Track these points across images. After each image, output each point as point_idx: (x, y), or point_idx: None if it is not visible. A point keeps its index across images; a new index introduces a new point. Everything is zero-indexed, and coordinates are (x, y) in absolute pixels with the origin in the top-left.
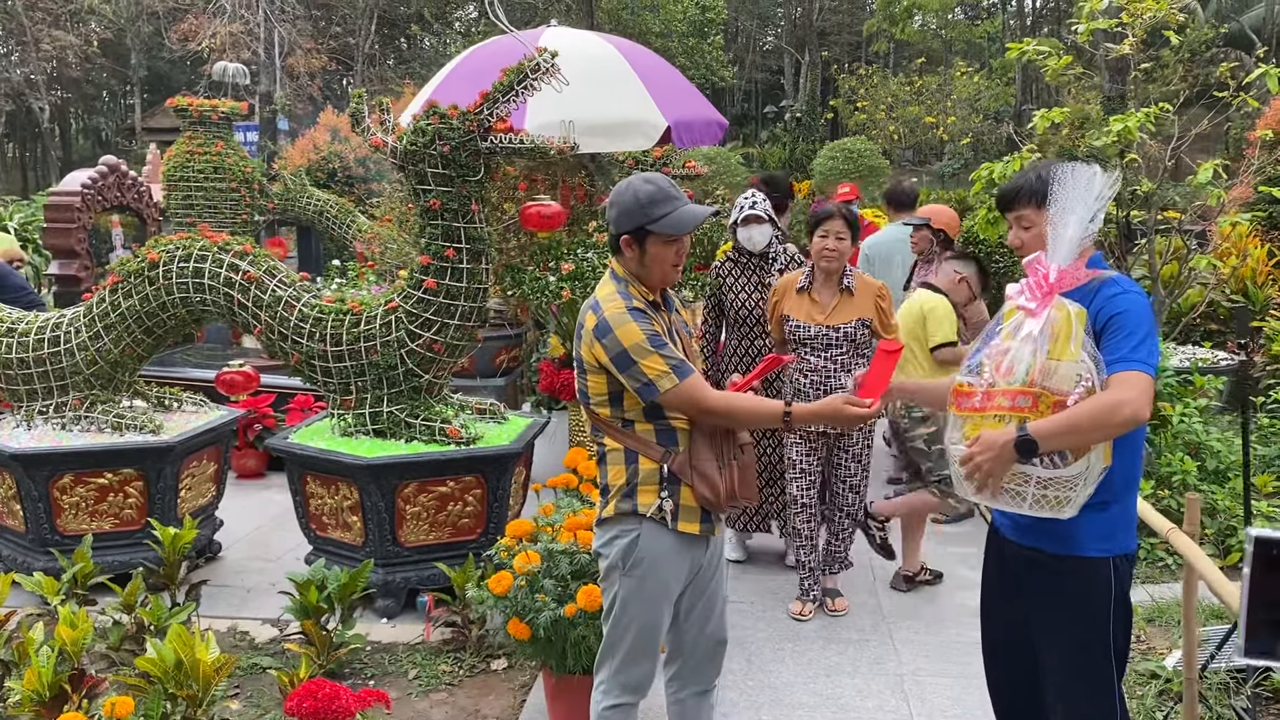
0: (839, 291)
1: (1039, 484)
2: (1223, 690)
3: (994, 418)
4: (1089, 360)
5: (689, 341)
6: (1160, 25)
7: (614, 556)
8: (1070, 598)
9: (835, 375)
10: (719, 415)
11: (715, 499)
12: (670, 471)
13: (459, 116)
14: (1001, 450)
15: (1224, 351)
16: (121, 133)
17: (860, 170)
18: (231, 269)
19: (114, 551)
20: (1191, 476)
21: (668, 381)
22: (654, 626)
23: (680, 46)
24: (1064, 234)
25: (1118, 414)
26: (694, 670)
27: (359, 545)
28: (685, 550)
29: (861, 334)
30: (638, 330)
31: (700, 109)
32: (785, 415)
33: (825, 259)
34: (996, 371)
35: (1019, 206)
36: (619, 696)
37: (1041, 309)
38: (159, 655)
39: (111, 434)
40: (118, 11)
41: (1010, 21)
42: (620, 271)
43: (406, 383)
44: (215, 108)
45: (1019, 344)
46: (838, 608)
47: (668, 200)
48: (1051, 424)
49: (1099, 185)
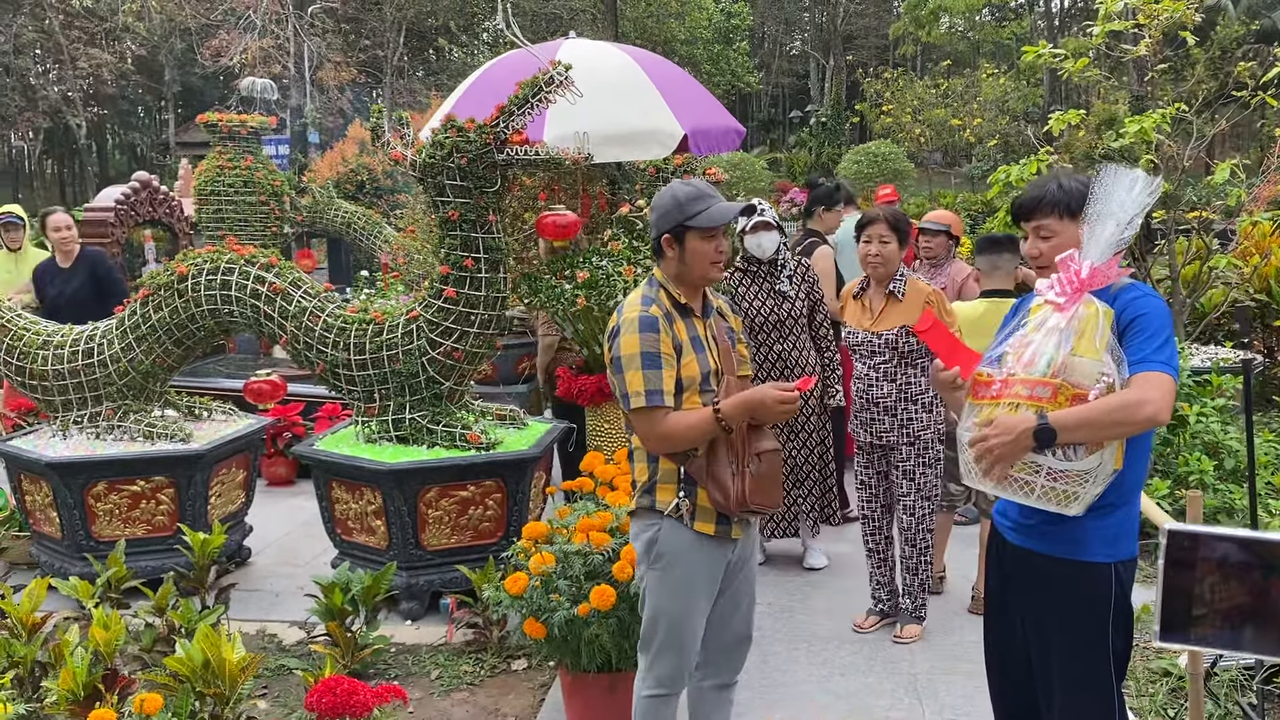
0: (886, 297)
1: (1050, 475)
2: (1232, 688)
3: (1009, 405)
4: (1110, 359)
5: (727, 347)
6: (1178, 25)
7: (640, 549)
8: (1072, 602)
9: (878, 384)
10: (667, 445)
11: (726, 504)
12: (687, 473)
13: (476, 130)
14: (1019, 436)
15: (1246, 351)
16: (156, 148)
17: (885, 174)
18: (258, 281)
19: (147, 557)
20: (1209, 476)
21: (637, 401)
22: (680, 620)
23: (706, 53)
24: (1101, 234)
25: (1140, 412)
26: (715, 663)
27: (383, 549)
28: (709, 548)
29: (905, 341)
30: (637, 342)
31: (718, 116)
32: (716, 414)
33: (870, 264)
34: (1018, 362)
35: (1039, 216)
36: (654, 688)
37: (1070, 304)
38: (187, 655)
39: (144, 443)
40: (151, 29)
41: (1039, 22)
42: (659, 276)
43: (428, 390)
44: (244, 123)
45: (1043, 336)
46: (901, 635)
47: (703, 198)
48: (1072, 415)
49: (1140, 189)
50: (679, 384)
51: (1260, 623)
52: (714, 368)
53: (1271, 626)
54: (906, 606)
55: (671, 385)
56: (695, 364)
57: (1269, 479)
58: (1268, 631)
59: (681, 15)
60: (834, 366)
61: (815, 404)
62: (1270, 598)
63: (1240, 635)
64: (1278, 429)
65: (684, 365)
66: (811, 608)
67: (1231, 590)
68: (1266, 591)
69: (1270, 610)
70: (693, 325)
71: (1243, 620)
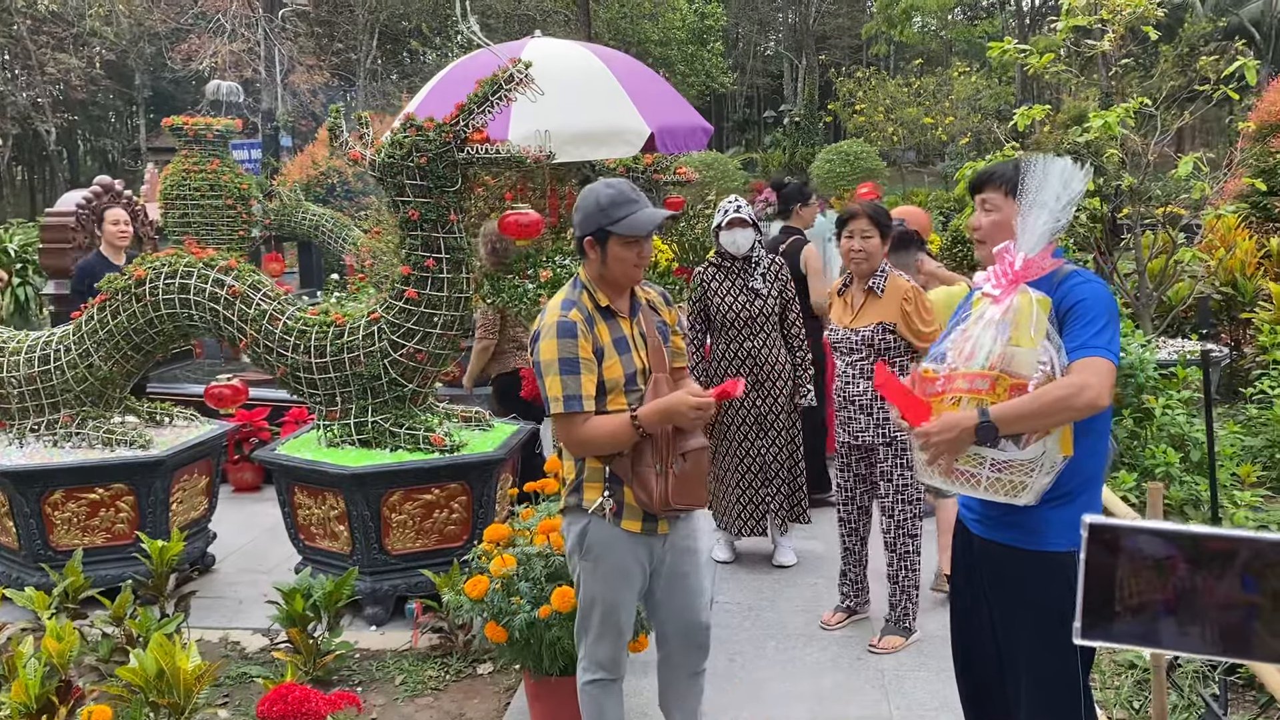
0: (866, 293)
1: (994, 466)
2: (1196, 679)
3: (951, 401)
4: (1050, 347)
5: (657, 343)
6: (1141, 21)
7: (571, 542)
8: (1036, 592)
9: (854, 381)
10: (586, 449)
11: (650, 503)
12: (613, 472)
13: (435, 129)
14: (961, 433)
15: (1211, 345)
16: (128, 153)
17: (858, 173)
18: (217, 284)
19: (106, 566)
20: (1175, 468)
21: (555, 406)
22: (614, 607)
23: (680, 54)
24: (1035, 225)
25: (1079, 398)
26: (678, 654)
27: (347, 554)
28: (636, 542)
29: (882, 339)
30: (555, 348)
31: (685, 115)
32: (633, 420)
33: (852, 260)
34: (959, 356)
35: (988, 189)
36: (595, 672)
37: (1005, 296)
38: (140, 665)
39: (102, 450)
40: (120, 34)
41: (1010, 20)
42: (583, 276)
43: (391, 392)
44: (210, 126)
45: (980, 329)
46: (879, 645)
47: (628, 203)
48: (1012, 407)
49: (1071, 179)
50: (602, 386)
51: (1182, 618)
52: (641, 367)
53: (1193, 622)
54: (889, 617)
55: (591, 389)
56: (619, 366)
57: (1234, 470)
58: (1189, 627)
59: (655, 16)
60: (805, 365)
61: (785, 402)
62: (1193, 592)
63: (1160, 631)
64: (1244, 420)
65: (607, 368)
66: (780, 605)
67: (1154, 585)
68: (1191, 586)
69: (1192, 605)
70: (617, 327)
71: (1164, 615)
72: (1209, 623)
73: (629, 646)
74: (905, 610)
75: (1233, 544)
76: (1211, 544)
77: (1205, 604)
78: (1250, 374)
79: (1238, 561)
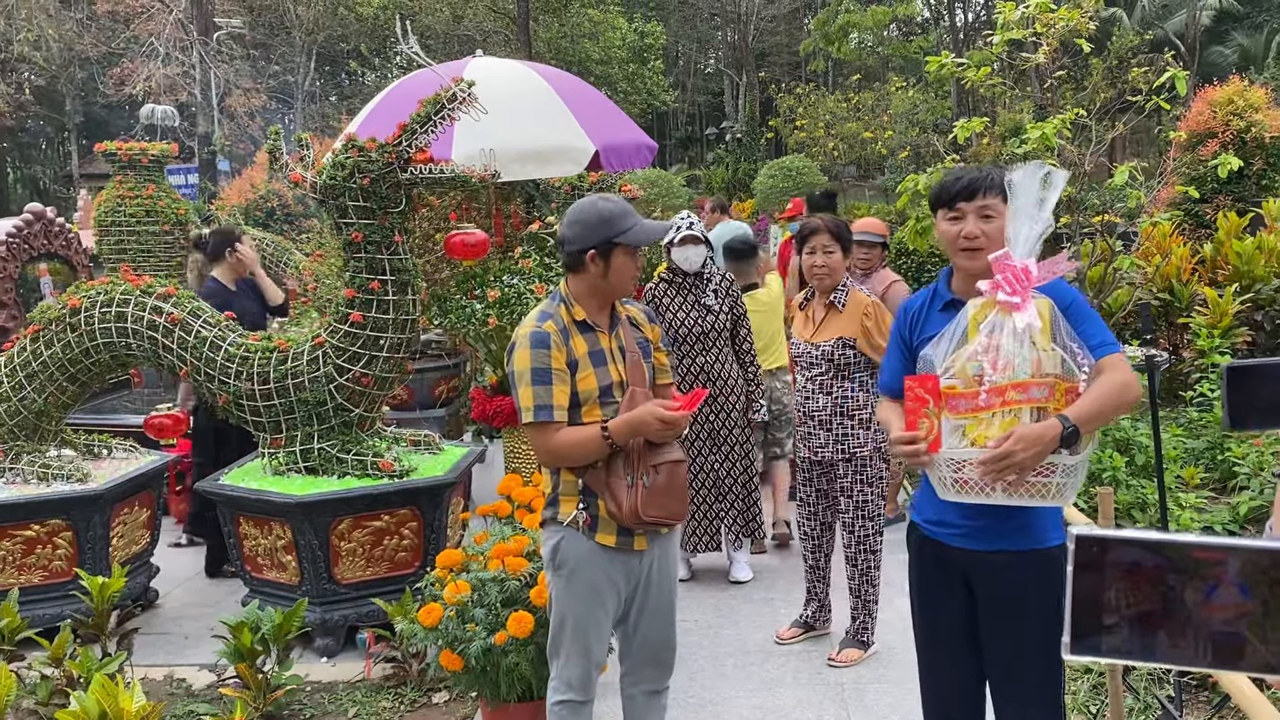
0: (827, 308)
1: (1064, 471)
2: (1151, 681)
3: (1007, 414)
4: (1058, 348)
5: (637, 358)
6: (1074, 34)
7: (546, 555)
8: (1037, 591)
9: (814, 396)
10: (557, 460)
11: (620, 516)
12: (586, 485)
13: (378, 149)
14: (1048, 443)
15: (1153, 349)
16: (60, 180)
17: (800, 188)
18: (155, 311)
19: (44, 605)
20: (1121, 472)
21: (527, 416)
22: (586, 626)
23: (621, 73)
24: (1027, 230)
25: (1131, 392)
26: (641, 671)
27: (295, 585)
28: (611, 558)
29: (842, 354)
30: (529, 358)
31: (629, 133)
32: (604, 433)
33: (815, 275)
34: (995, 369)
35: (985, 196)
36: (565, 693)
37: (1027, 304)
38: (82, 708)
39: (38, 485)
40: (50, 58)
41: (944, 36)
42: (565, 290)
43: (337, 418)
44: (145, 151)
45: (1009, 339)
46: (837, 658)
47: (629, 215)
48: (1086, 410)
49: (1053, 181)
50: (576, 398)
51: (1173, 630)
52: (617, 380)
53: (1184, 634)
54: (848, 630)
55: (564, 400)
56: (593, 378)
57: (1178, 473)
58: (1181, 639)
59: (595, 35)
60: (756, 380)
61: (739, 417)
62: (1183, 603)
63: (1153, 644)
64: (1184, 424)
65: (581, 380)
66: (737, 621)
67: (1143, 596)
68: (1180, 597)
69: (1183, 616)
70: (595, 340)
71: (1155, 628)
72: (1200, 634)
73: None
74: (864, 624)
75: (1223, 552)
76: (1201, 553)
77: (1197, 615)
78: (1190, 378)
79: (1229, 570)
